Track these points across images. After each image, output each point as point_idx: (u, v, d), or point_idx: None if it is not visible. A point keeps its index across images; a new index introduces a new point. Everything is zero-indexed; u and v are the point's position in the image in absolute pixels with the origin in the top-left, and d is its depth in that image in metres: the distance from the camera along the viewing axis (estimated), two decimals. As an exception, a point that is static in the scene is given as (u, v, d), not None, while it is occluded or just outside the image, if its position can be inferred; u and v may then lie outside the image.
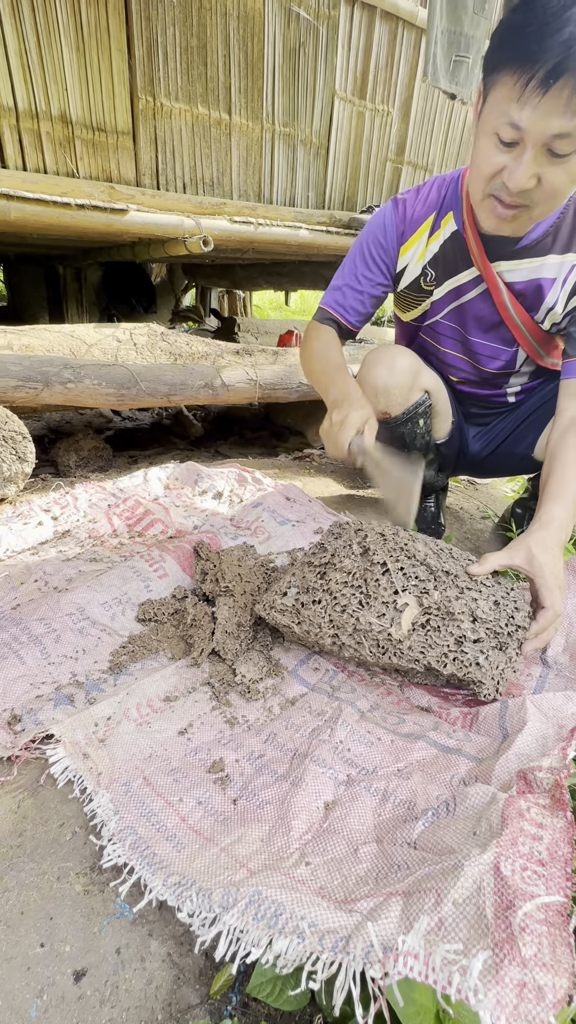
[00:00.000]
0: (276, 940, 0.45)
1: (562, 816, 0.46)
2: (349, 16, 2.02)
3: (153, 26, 1.61)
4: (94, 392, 1.41)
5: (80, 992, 0.52)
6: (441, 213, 1.03)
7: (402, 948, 0.40)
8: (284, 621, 0.87)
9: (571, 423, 0.92)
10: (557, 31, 0.66)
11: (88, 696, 0.81)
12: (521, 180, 0.77)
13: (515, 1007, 0.35)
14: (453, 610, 0.77)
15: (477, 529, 1.54)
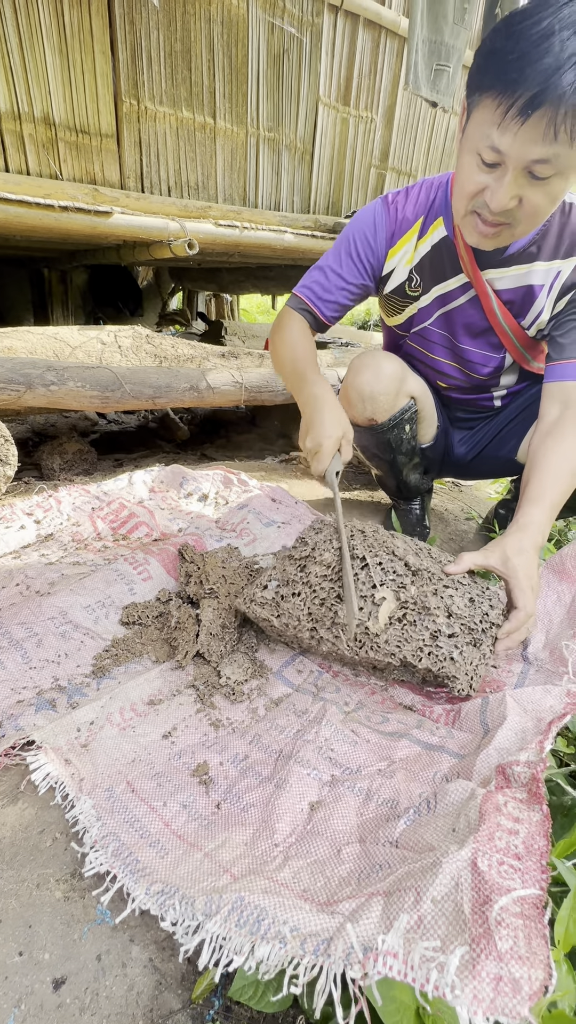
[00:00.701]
0: (258, 946, 0.44)
1: (538, 809, 0.46)
2: (332, 24, 2.04)
3: (137, 30, 1.61)
4: (78, 395, 1.40)
5: (59, 1000, 0.51)
6: (430, 217, 1.03)
7: (382, 948, 0.40)
8: (264, 614, 0.87)
9: (552, 427, 0.94)
10: (537, 60, 0.66)
11: (70, 701, 0.81)
12: (502, 201, 0.78)
13: (492, 1001, 0.35)
14: (429, 605, 0.78)
15: (461, 530, 1.56)
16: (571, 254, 0.96)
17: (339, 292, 1.11)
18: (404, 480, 1.35)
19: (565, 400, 0.95)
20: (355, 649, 0.80)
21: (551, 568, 0.97)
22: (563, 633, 0.87)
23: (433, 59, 1.73)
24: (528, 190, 0.78)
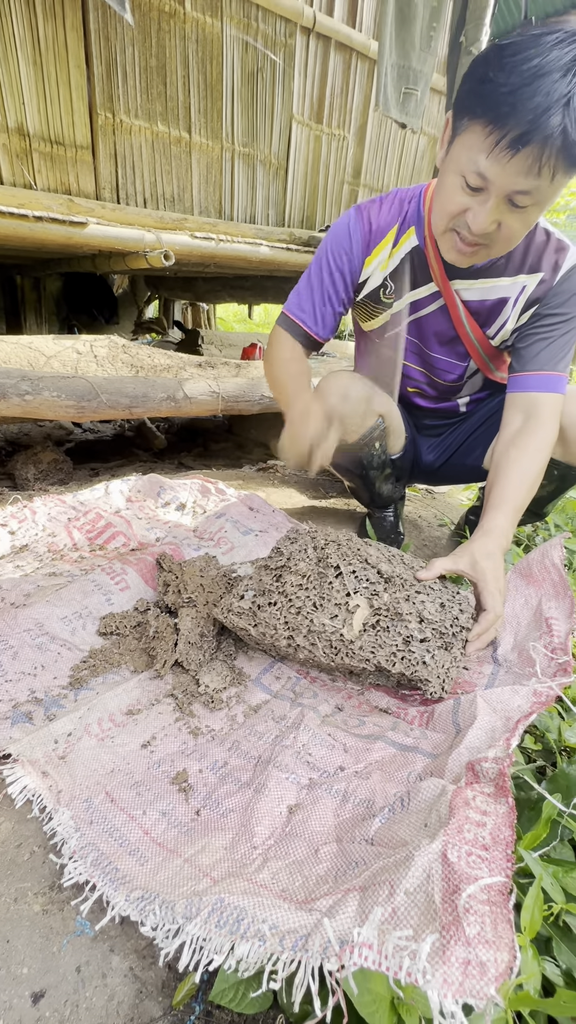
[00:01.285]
0: (238, 945, 0.45)
1: (504, 802, 0.49)
2: (305, 45, 2.10)
3: (112, 45, 1.63)
4: (53, 404, 1.39)
5: (39, 1014, 0.51)
6: (403, 227, 1.07)
7: (357, 940, 0.41)
8: (241, 624, 0.88)
9: (514, 436, 0.98)
10: (529, 98, 0.69)
11: (47, 713, 0.80)
12: (483, 225, 0.82)
13: (460, 984, 0.37)
14: (401, 611, 0.81)
15: (434, 536, 1.60)
16: (536, 270, 1.01)
17: (327, 307, 1.14)
18: (377, 491, 1.38)
19: (527, 410, 1.00)
20: (331, 656, 0.82)
21: (519, 573, 1.01)
22: (530, 635, 0.90)
23: (402, 83, 1.80)
24: (507, 216, 0.82)
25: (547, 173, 0.74)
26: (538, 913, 0.48)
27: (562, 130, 0.70)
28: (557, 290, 1.00)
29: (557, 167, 0.74)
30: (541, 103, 0.69)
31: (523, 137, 0.71)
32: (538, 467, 0.96)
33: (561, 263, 0.99)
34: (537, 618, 0.92)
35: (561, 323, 1.00)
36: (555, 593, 0.92)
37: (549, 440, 0.98)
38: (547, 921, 0.53)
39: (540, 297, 1.01)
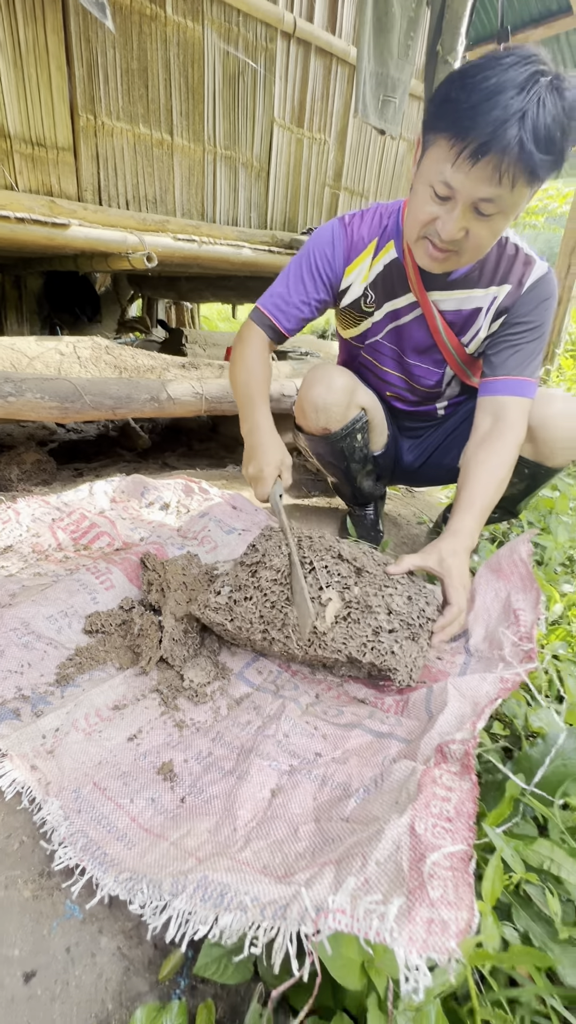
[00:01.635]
0: (222, 916, 0.48)
1: (468, 779, 0.53)
2: (286, 50, 2.13)
3: (93, 47, 1.63)
4: (36, 406, 1.40)
5: (30, 992, 0.53)
6: (383, 239, 1.11)
7: (331, 906, 0.45)
8: (218, 619, 0.91)
9: (483, 439, 1.03)
10: (487, 112, 0.75)
11: (35, 709, 0.82)
12: (451, 231, 0.87)
13: (424, 940, 0.41)
14: (371, 604, 0.85)
15: (413, 534, 1.64)
16: (505, 281, 1.06)
17: (300, 305, 1.17)
18: (358, 486, 1.42)
19: (496, 413, 1.05)
20: (305, 648, 0.86)
21: (490, 568, 1.05)
22: (500, 626, 0.95)
23: (380, 91, 1.84)
24: (474, 224, 0.87)
25: (507, 182, 0.79)
26: (498, 882, 0.52)
27: (519, 141, 0.75)
28: (524, 300, 1.05)
29: (516, 176, 0.79)
30: (499, 116, 0.75)
31: (483, 147, 0.77)
32: (505, 468, 1.01)
33: (527, 276, 1.04)
34: (506, 610, 0.96)
35: (528, 331, 1.05)
36: (523, 586, 0.96)
37: (516, 442, 1.03)
38: (508, 890, 0.57)
39: (509, 307, 1.06)
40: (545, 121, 0.75)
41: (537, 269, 1.04)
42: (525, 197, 0.84)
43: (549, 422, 1.10)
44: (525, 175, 0.79)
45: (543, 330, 1.06)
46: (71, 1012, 0.53)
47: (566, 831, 0.63)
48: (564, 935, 0.51)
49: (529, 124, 0.74)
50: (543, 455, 1.15)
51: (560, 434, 1.11)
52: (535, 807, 0.64)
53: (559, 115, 0.75)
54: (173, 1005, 0.52)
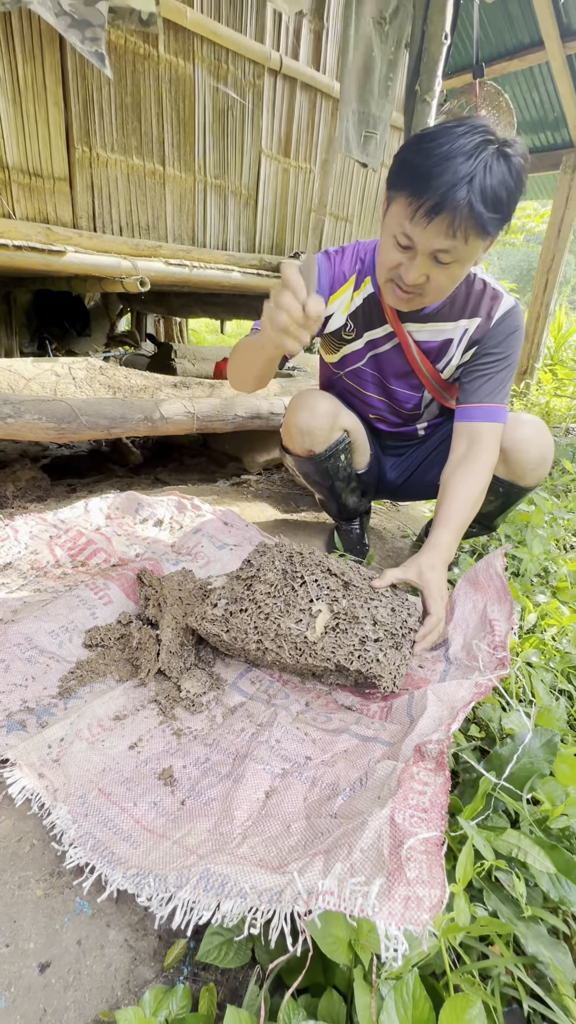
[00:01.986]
0: (223, 903, 0.54)
1: (442, 774, 0.59)
2: (272, 85, 2.23)
3: (89, 84, 1.71)
4: (34, 426, 1.45)
5: (45, 981, 0.58)
6: (362, 275, 1.21)
7: (321, 889, 0.50)
8: (214, 630, 0.96)
9: (460, 461, 1.12)
10: (439, 175, 0.85)
11: (40, 721, 0.86)
12: (412, 277, 0.97)
13: (402, 914, 0.47)
14: (358, 615, 0.92)
15: (398, 547, 1.72)
16: (475, 315, 1.15)
17: None
18: (343, 503, 1.49)
19: (471, 437, 1.13)
20: (296, 656, 0.92)
21: (468, 581, 1.13)
22: (477, 636, 1.02)
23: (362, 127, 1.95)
24: (434, 271, 0.96)
25: (460, 236, 0.89)
26: (470, 867, 0.58)
27: (467, 202, 0.85)
28: (492, 332, 1.14)
29: (468, 231, 0.89)
30: (449, 180, 0.85)
31: (436, 207, 0.87)
32: (480, 487, 1.10)
33: (495, 310, 1.13)
34: (483, 620, 1.03)
35: (497, 361, 1.14)
36: (498, 598, 1.04)
37: (490, 463, 1.12)
38: (480, 876, 0.64)
39: (479, 339, 1.15)
40: (491, 184, 0.85)
41: (504, 303, 1.14)
42: (480, 248, 0.94)
43: (520, 445, 1.19)
44: (476, 231, 0.89)
45: (512, 360, 1.15)
46: (84, 998, 0.57)
47: (534, 823, 0.69)
48: (528, 913, 0.57)
49: (477, 187, 0.84)
50: (515, 475, 1.24)
51: (530, 456, 1.20)
52: (506, 802, 0.70)
53: (505, 178, 0.86)
54: (178, 989, 0.57)
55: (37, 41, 1.58)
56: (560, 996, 0.53)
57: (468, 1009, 0.46)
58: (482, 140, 0.85)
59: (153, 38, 1.80)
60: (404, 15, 1.96)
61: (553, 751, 0.71)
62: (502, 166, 0.85)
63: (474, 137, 0.85)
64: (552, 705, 0.94)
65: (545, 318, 5.03)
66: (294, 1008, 0.50)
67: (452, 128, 0.87)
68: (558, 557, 1.60)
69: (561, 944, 0.55)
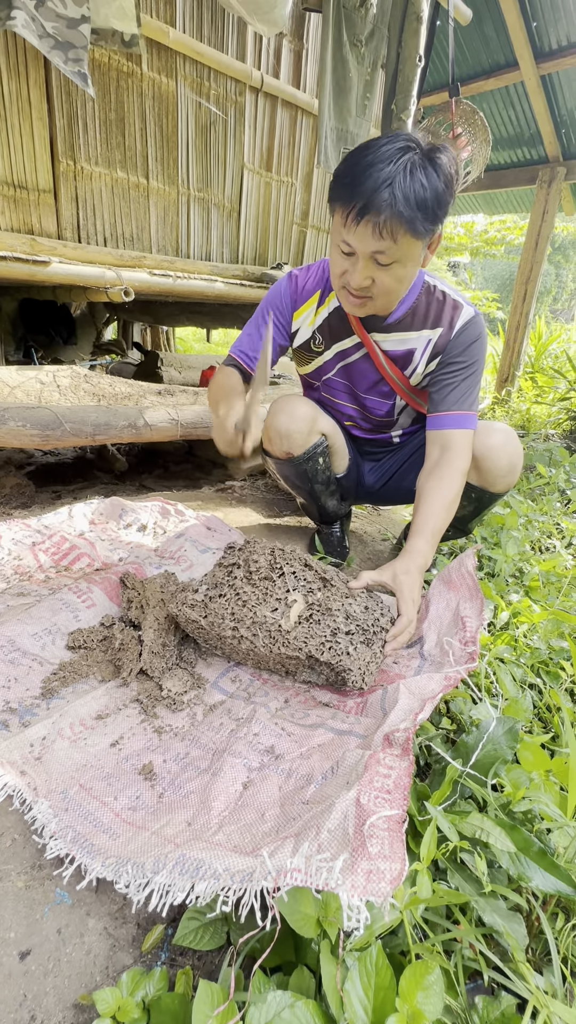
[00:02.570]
0: (197, 884, 0.56)
1: (407, 759, 0.62)
2: (254, 102, 2.30)
3: (73, 99, 1.75)
4: (18, 433, 1.47)
5: (26, 968, 0.60)
6: (326, 291, 1.28)
7: (289, 867, 0.53)
8: (193, 616, 0.99)
9: (433, 468, 1.17)
10: (364, 181, 0.92)
11: (22, 720, 0.88)
12: (357, 281, 1.03)
13: (364, 887, 0.50)
14: (331, 607, 0.95)
15: (378, 550, 1.76)
16: (436, 325, 1.21)
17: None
18: (323, 506, 1.53)
19: (443, 445, 1.18)
20: (269, 645, 0.95)
21: (442, 580, 1.17)
22: (450, 632, 1.06)
23: (340, 144, 2.02)
24: (377, 273, 1.03)
25: (387, 236, 0.96)
26: (433, 846, 0.61)
27: (389, 203, 0.92)
28: (455, 342, 1.19)
29: (395, 231, 0.95)
30: (371, 185, 0.92)
31: (363, 210, 0.94)
32: (454, 493, 1.15)
33: (456, 319, 1.18)
34: (455, 617, 1.07)
35: (462, 369, 1.19)
36: (469, 595, 1.08)
37: (462, 469, 1.17)
38: (446, 857, 0.67)
39: (442, 348, 1.21)
40: (413, 186, 0.92)
41: (464, 313, 1.19)
42: (417, 248, 1.00)
43: (491, 453, 1.24)
44: (403, 229, 0.95)
45: (476, 367, 1.20)
46: (63, 984, 0.59)
47: (498, 808, 0.73)
48: (488, 889, 0.60)
49: (398, 189, 0.91)
50: (487, 482, 1.29)
51: (501, 463, 1.25)
52: (473, 788, 0.74)
53: (431, 180, 0.92)
54: (155, 972, 0.59)
55: (22, 57, 1.62)
56: (516, 964, 0.56)
57: (427, 975, 0.49)
58: (403, 147, 0.93)
59: (137, 57, 1.85)
60: (379, 38, 2.04)
61: (515, 738, 0.75)
62: (426, 169, 0.92)
63: (395, 144, 0.93)
64: (519, 697, 0.98)
65: (525, 327, 5.16)
66: (264, 981, 0.52)
67: (377, 140, 0.95)
68: (532, 558, 1.65)
69: (516, 916, 0.58)
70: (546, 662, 1.15)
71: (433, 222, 0.96)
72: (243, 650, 0.99)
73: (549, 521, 1.99)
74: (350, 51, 1.96)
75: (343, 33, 1.94)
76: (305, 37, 2.43)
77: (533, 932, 0.65)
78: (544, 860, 0.62)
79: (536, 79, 4.06)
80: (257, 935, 0.57)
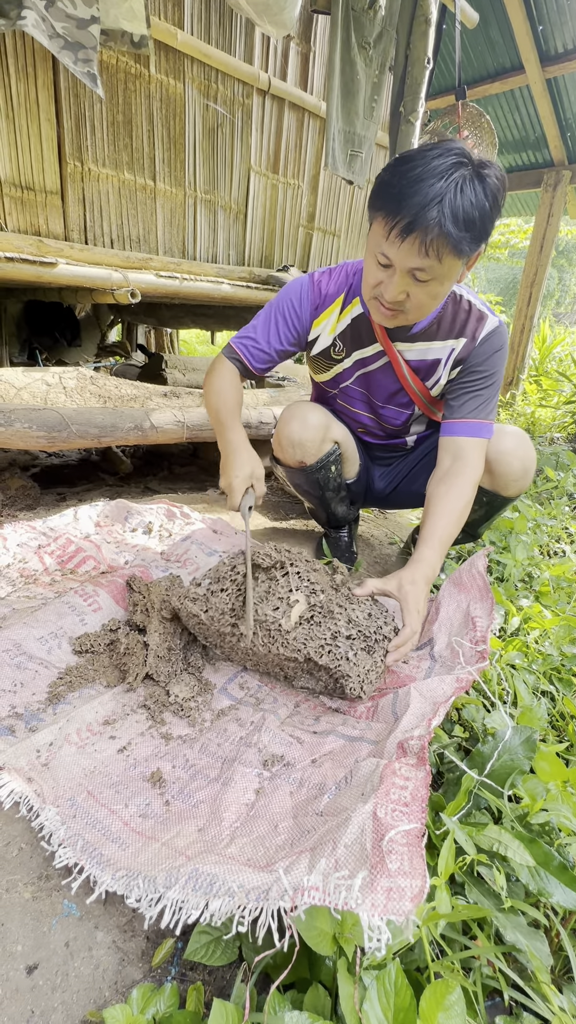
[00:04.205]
0: (212, 902, 0.55)
1: (423, 769, 0.61)
2: (261, 104, 2.30)
3: (81, 101, 1.75)
4: (25, 435, 1.46)
5: (33, 983, 0.58)
6: (350, 295, 1.24)
7: (307, 885, 0.52)
8: (194, 610, 0.97)
9: (444, 475, 1.15)
10: (412, 196, 0.88)
11: (28, 726, 0.87)
12: (392, 295, 1.00)
13: (384, 905, 0.48)
14: (333, 610, 0.94)
15: (385, 554, 1.74)
16: (461, 335, 1.19)
17: (267, 348, 1.29)
18: (333, 512, 1.52)
19: (455, 453, 1.16)
20: (268, 645, 0.93)
21: (452, 582, 1.15)
22: (460, 633, 1.04)
23: (348, 146, 2.01)
24: (413, 288, 0.99)
25: (433, 255, 0.92)
26: (451, 860, 0.60)
27: (438, 222, 0.88)
28: (478, 352, 1.17)
29: (440, 250, 0.91)
30: (420, 201, 0.88)
31: (409, 226, 0.90)
32: (464, 503, 1.12)
33: (480, 330, 1.16)
34: (466, 618, 1.06)
35: (482, 379, 1.17)
36: (480, 596, 1.06)
37: (474, 479, 1.14)
38: (463, 871, 0.65)
39: (465, 357, 1.18)
40: (463, 204, 0.88)
41: (489, 323, 1.17)
42: (458, 266, 0.96)
43: (503, 457, 1.22)
44: (448, 249, 0.91)
45: (496, 377, 1.18)
46: (71, 1000, 0.58)
47: (515, 819, 0.71)
48: (507, 905, 0.59)
49: (447, 207, 0.87)
50: (499, 486, 1.27)
51: (513, 468, 1.23)
52: (488, 799, 0.72)
53: (477, 198, 0.88)
54: (165, 988, 0.58)
55: (31, 59, 1.62)
56: (538, 984, 0.54)
57: (448, 995, 0.48)
58: (455, 162, 0.88)
59: (145, 58, 1.84)
60: (388, 40, 2.04)
61: (532, 748, 0.73)
62: (475, 187, 0.88)
63: (447, 159, 0.88)
64: (533, 705, 0.96)
65: (530, 330, 5.15)
66: (280, 1001, 0.51)
67: (427, 151, 0.90)
68: (541, 562, 1.63)
69: (538, 933, 0.56)
70: (558, 669, 1.14)
71: (479, 242, 0.93)
72: (242, 649, 0.97)
73: (558, 525, 1.97)
74: (358, 53, 1.96)
75: (351, 35, 1.94)
76: (313, 39, 2.43)
77: (552, 948, 0.63)
78: (565, 875, 0.60)
79: (542, 82, 4.06)
80: (272, 953, 0.55)
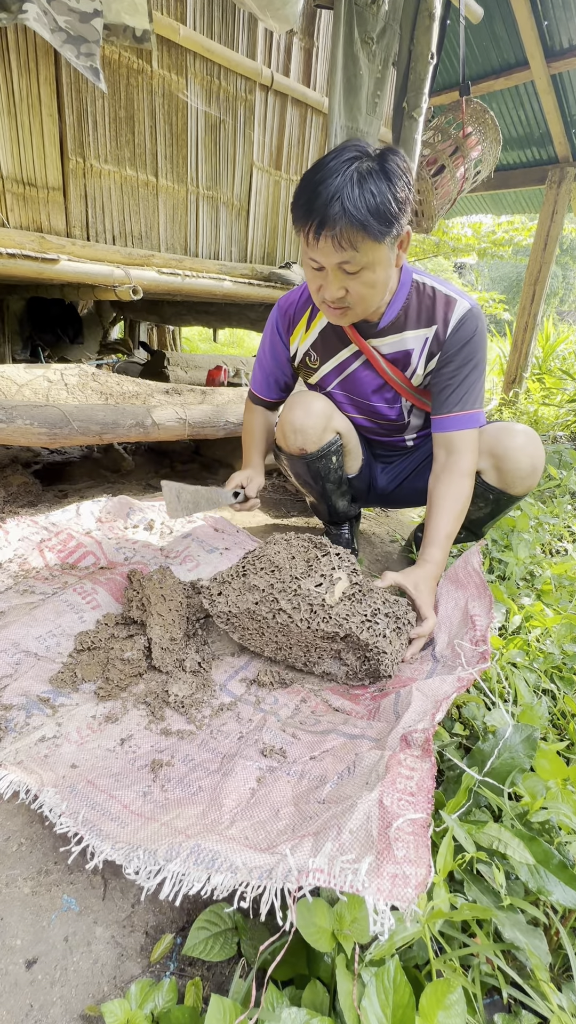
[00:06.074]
0: (213, 876, 0.54)
1: (428, 760, 0.60)
2: (264, 100, 2.28)
3: (83, 97, 1.74)
4: (26, 432, 1.46)
5: (32, 977, 0.58)
6: (316, 309, 1.30)
7: (312, 867, 0.51)
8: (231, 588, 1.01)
9: (441, 471, 1.17)
10: (316, 199, 0.94)
11: (28, 723, 0.87)
12: (332, 293, 1.06)
13: (390, 891, 0.48)
14: (373, 588, 0.99)
15: (386, 552, 1.74)
16: (432, 322, 1.19)
17: (270, 378, 1.46)
18: (334, 505, 1.51)
19: (448, 447, 1.17)
20: (308, 620, 0.95)
21: (449, 580, 1.15)
22: (460, 633, 1.04)
23: (351, 142, 2.00)
24: (349, 282, 1.04)
25: (347, 245, 0.97)
26: (449, 857, 0.60)
27: (341, 214, 0.93)
28: (451, 340, 1.17)
29: (353, 239, 0.96)
30: (324, 200, 0.94)
31: (320, 226, 0.95)
32: (464, 496, 1.15)
33: (451, 315, 1.16)
34: (465, 617, 1.05)
35: (461, 367, 1.17)
36: (478, 594, 1.06)
37: (468, 470, 1.17)
38: (462, 868, 0.65)
39: (439, 347, 1.19)
40: (362, 193, 0.93)
41: (459, 307, 1.17)
42: (381, 251, 1.00)
43: (512, 454, 1.22)
44: (360, 236, 0.96)
45: (477, 363, 1.18)
46: (70, 994, 0.58)
47: (515, 817, 0.71)
48: (506, 902, 0.58)
49: (347, 200, 0.93)
50: (506, 483, 1.26)
51: (521, 465, 1.23)
52: (488, 797, 0.72)
53: (378, 184, 0.93)
54: (164, 983, 0.58)
55: (33, 54, 1.61)
56: (537, 982, 0.54)
57: (448, 994, 0.48)
58: (350, 157, 0.94)
59: (147, 53, 1.84)
60: (391, 35, 2.02)
61: (533, 746, 0.73)
62: (373, 174, 0.93)
63: (343, 156, 0.95)
64: (534, 703, 0.96)
65: (533, 328, 5.12)
66: (277, 996, 0.50)
67: (326, 156, 0.97)
68: (543, 561, 1.63)
69: (537, 931, 0.56)
70: (560, 667, 1.13)
71: (390, 224, 0.97)
72: (275, 626, 0.98)
73: (560, 523, 1.97)
74: (361, 48, 1.95)
75: (354, 30, 1.92)
76: (316, 35, 2.41)
77: (552, 947, 0.63)
78: (565, 873, 0.60)
79: (546, 78, 4.03)
80: (272, 944, 0.55)
